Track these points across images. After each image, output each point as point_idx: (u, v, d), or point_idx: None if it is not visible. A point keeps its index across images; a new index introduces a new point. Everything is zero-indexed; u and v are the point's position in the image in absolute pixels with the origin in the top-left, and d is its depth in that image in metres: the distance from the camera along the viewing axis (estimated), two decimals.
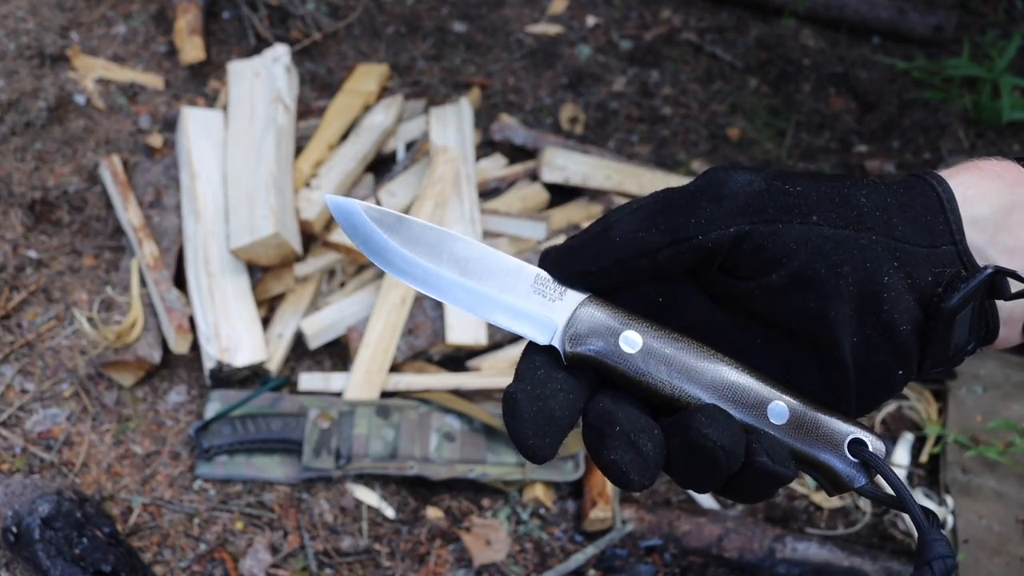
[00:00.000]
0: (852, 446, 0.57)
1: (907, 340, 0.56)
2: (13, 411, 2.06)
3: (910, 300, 0.55)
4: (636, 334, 0.57)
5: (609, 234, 0.58)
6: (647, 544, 1.99)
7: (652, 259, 0.57)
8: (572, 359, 0.58)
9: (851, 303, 0.55)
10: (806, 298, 0.55)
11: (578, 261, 0.58)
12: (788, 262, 0.55)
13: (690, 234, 0.56)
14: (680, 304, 0.60)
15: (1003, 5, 3.31)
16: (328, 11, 3.03)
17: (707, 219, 0.56)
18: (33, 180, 2.43)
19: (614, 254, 0.57)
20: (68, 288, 2.26)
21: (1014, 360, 2.31)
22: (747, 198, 0.56)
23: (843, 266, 0.55)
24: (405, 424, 2.03)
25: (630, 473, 0.54)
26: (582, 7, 3.20)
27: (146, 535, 1.93)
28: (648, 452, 0.54)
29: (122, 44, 2.82)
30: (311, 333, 2.16)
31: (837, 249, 0.55)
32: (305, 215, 2.24)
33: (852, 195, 0.57)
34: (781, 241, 0.55)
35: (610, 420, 0.55)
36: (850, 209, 0.56)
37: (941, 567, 0.52)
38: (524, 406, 0.55)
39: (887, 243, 0.56)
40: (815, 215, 0.56)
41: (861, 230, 0.56)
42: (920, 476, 2.13)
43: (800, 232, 0.55)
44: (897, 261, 0.55)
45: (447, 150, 2.38)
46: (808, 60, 3.11)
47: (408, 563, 1.95)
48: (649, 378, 0.57)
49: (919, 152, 2.86)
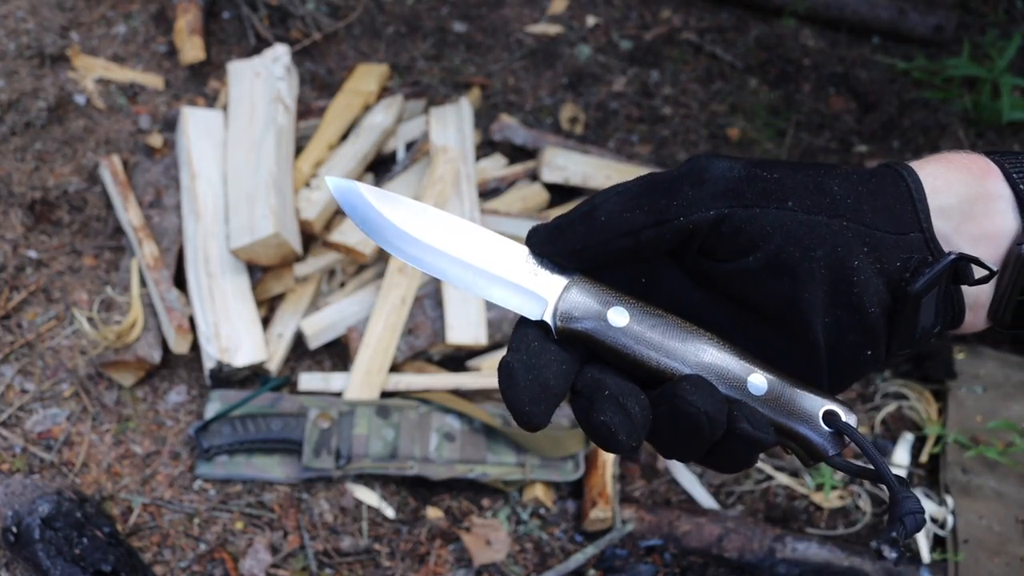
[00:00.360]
0: (826, 417, 0.59)
1: (876, 322, 0.59)
2: (13, 411, 2.06)
3: (879, 284, 0.58)
4: (623, 310, 0.60)
5: (595, 214, 0.60)
6: (647, 544, 1.99)
7: (635, 239, 0.59)
8: (562, 333, 0.60)
9: (823, 285, 0.58)
10: (780, 280, 0.58)
11: (564, 239, 0.61)
12: (764, 245, 0.58)
13: (672, 215, 0.59)
14: (662, 285, 0.63)
15: (1003, 5, 3.31)
16: (328, 11, 3.03)
17: (689, 202, 0.59)
18: (33, 180, 2.43)
19: (599, 233, 0.60)
20: (68, 288, 2.26)
21: (1014, 360, 2.31)
22: (727, 183, 0.59)
23: (816, 250, 0.58)
24: (405, 424, 2.03)
25: (619, 434, 0.56)
26: (582, 7, 3.20)
27: (146, 535, 1.93)
28: (636, 414, 0.57)
29: (122, 44, 2.82)
30: (311, 333, 2.16)
31: (811, 234, 0.58)
32: (305, 215, 2.24)
33: (826, 183, 0.60)
34: (758, 225, 0.58)
35: (599, 386, 0.58)
36: (824, 196, 0.59)
37: (912, 522, 0.55)
38: (520, 375, 0.58)
39: (858, 229, 0.58)
40: (791, 201, 0.59)
41: (833, 216, 0.58)
42: (920, 476, 2.13)
43: (776, 217, 0.58)
44: (867, 246, 0.58)
45: (447, 150, 2.38)
46: (808, 60, 3.11)
47: (408, 563, 1.95)
48: (635, 352, 0.59)
49: (919, 152, 2.86)
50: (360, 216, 0.65)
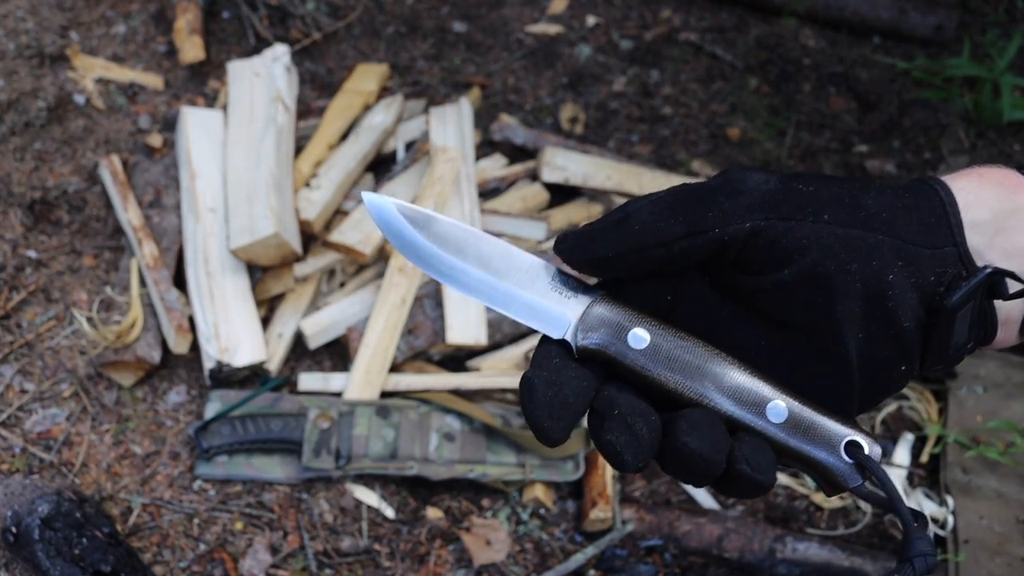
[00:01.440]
0: (848, 447, 0.58)
1: (910, 336, 0.58)
2: (12, 411, 2.06)
3: (913, 298, 0.58)
4: (644, 331, 0.59)
5: (627, 222, 0.60)
6: (647, 544, 1.98)
7: (668, 249, 0.59)
8: (583, 353, 0.60)
9: (857, 299, 0.57)
10: (815, 294, 0.58)
11: (594, 246, 0.61)
12: (799, 258, 0.58)
13: (708, 227, 0.58)
14: (688, 301, 0.62)
15: (1004, 5, 3.31)
16: (328, 11, 3.03)
17: (724, 213, 0.58)
18: (32, 180, 2.43)
19: (632, 241, 0.59)
20: (68, 288, 2.26)
21: (1015, 360, 2.31)
22: (763, 195, 0.59)
23: (851, 263, 0.57)
24: (405, 424, 2.03)
25: (624, 453, 0.57)
26: (582, 7, 3.20)
27: (146, 535, 1.93)
28: (643, 435, 0.57)
29: (122, 44, 2.81)
30: (311, 333, 2.16)
31: (846, 247, 0.57)
32: (305, 215, 2.24)
33: (861, 197, 0.59)
34: (794, 237, 0.58)
35: (611, 405, 0.58)
36: (859, 210, 0.59)
37: (922, 564, 0.55)
38: (540, 391, 0.58)
39: (893, 243, 0.58)
40: (826, 214, 0.58)
41: (869, 230, 0.58)
42: (920, 476, 2.13)
43: (812, 230, 0.58)
44: (902, 260, 0.58)
45: (447, 150, 2.38)
46: (808, 60, 3.11)
47: (408, 563, 1.95)
48: (654, 374, 0.59)
49: (919, 152, 2.86)
50: (393, 233, 0.65)
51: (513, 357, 2.17)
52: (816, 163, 2.80)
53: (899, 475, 2.10)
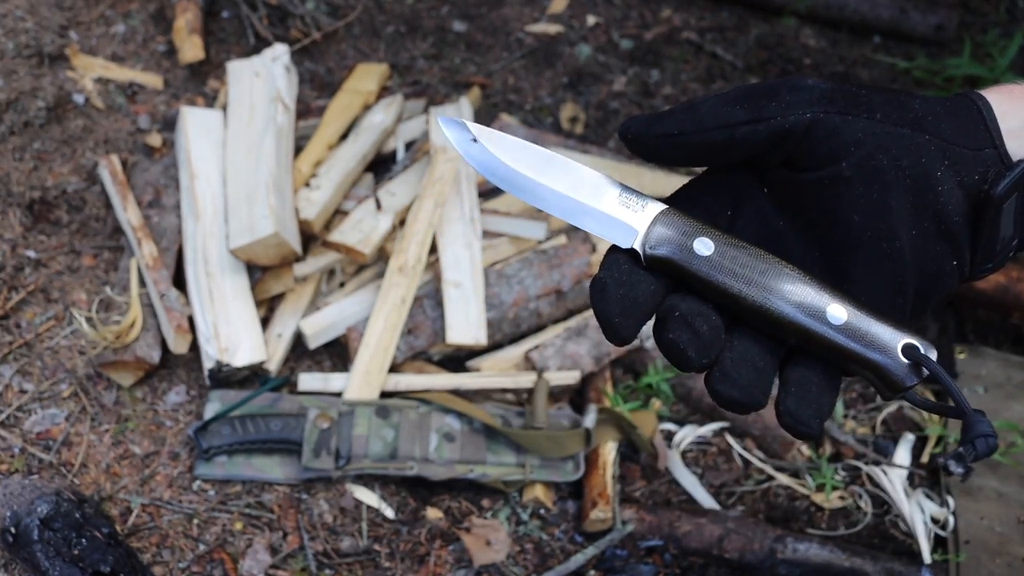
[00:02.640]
0: (905, 349, 0.61)
1: (960, 230, 0.62)
2: (12, 411, 2.05)
3: (960, 195, 0.62)
4: (709, 240, 0.62)
5: (695, 105, 0.64)
6: (647, 544, 1.98)
7: (731, 132, 0.63)
8: (650, 261, 0.63)
9: (909, 194, 0.62)
10: (870, 188, 0.61)
11: (661, 124, 0.65)
12: (855, 151, 0.62)
13: (770, 114, 0.63)
14: (747, 215, 0.66)
15: (1004, 4, 3.31)
16: (328, 10, 3.02)
17: (786, 104, 0.63)
18: (32, 180, 2.42)
19: (698, 122, 0.64)
20: (67, 288, 2.26)
21: (1015, 360, 2.31)
22: (821, 92, 0.64)
23: (902, 159, 0.61)
24: (405, 424, 2.03)
25: (688, 350, 0.60)
26: (582, 6, 3.20)
27: (145, 536, 1.93)
28: (704, 333, 0.60)
29: (121, 43, 2.81)
30: (311, 333, 2.15)
31: (898, 144, 0.62)
32: (305, 215, 2.23)
33: (908, 101, 0.64)
34: (849, 131, 0.62)
35: (673, 309, 0.62)
36: (908, 112, 0.63)
37: (983, 445, 0.58)
38: (612, 289, 0.62)
39: (939, 143, 0.62)
40: (879, 113, 0.63)
41: (917, 130, 0.62)
42: (921, 477, 2.13)
43: (866, 125, 0.62)
44: (947, 159, 0.62)
45: (447, 150, 2.37)
46: (809, 60, 3.10)
47: (408, 564, 1.94)
48: (718, 281, 0.62)
49: None
50: (466, 150, 0.69)
51: (513, 357, 2.17)
52: None
53: (900, 475, 2.10)
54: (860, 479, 2.13)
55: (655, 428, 2.11)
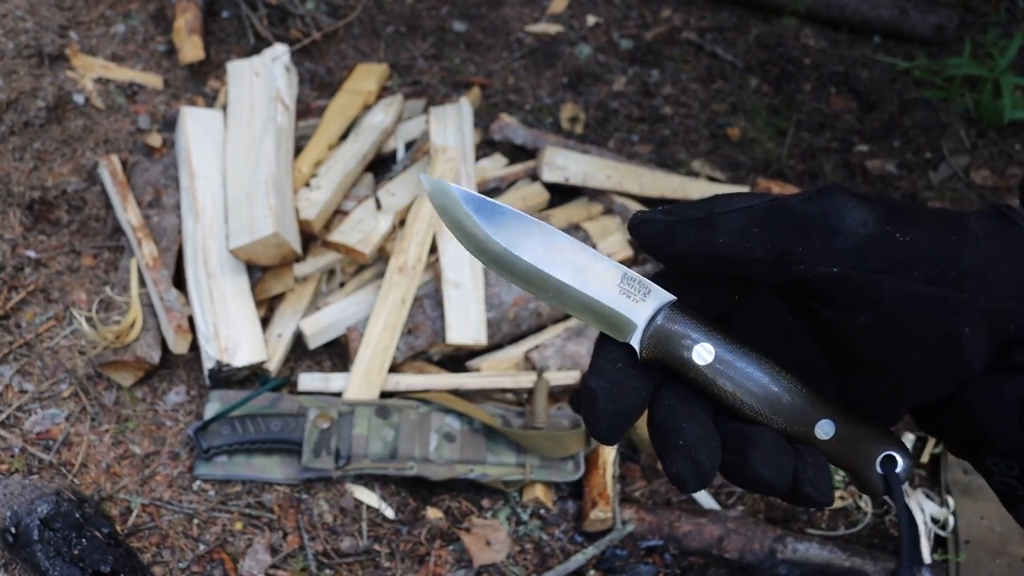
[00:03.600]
0: (884, 461, 0.63)
1: (973, 373, 0.59)
2: (12, 411, 2.05)
3: (986, 346, 0.58)
4: (710, 347, 0.61)
5: (712, 226, 0.59)
6: (647, 545, 1.98)
7: (747, 269, 0.59)
8: (647, 360, 0.61)
9: (928, 348, 0.58)
10: (886, 338, 0.58)
11: (673, 244, 0.60)
12: (879, 308, 0.58)
13: (792, 261, 0.57)
14: (755, 307, 0.63)
15: (1004, 4, 3.31)
16: (328, 11, 3.02)
17: (814, 252, 0.57)
18: (32, 180, 2.42)
19: (712, 250, 0.59)
20: (67, 288, 2.26)
21: None
22: (858, 242, 0.57)
23: (931, 321, 0.57)
24: (405, 424, 2.03)
25: (688, 483, 0.59)
26: (582, 6, 3.20)
27: (145, 536, 1.93)
28: (705, 465, 0.59)
29: (121, 43, 2.81)
30: (311, 333, 2.15)
31: (930, 306, 0.57)
32: (305, 215, 2.23)
33: (957, 253, 0.58)
34: (879, 290, 0.57)
35: (675, 428, 0.60)
36: (951, 269, 0.58)
37: None
38: (601, 402, 0.60)
39: (978, 299, 0.58)
40: (916, 271, 0.58)
41: (957, 290, 0.58)
42: (921, 477, 2.13)
43: (900, 285, 0.57)
44: (984, 315, 0.58)
45: (447, 150, 2.37)
46: (809, 59, 3.10)
47: (408, 564, 1.94)
48: (715, 388, 0.61)
49: (920, 152, 2.86)
50: (454, 223, 0.63)
51: (513, 357, 2.17)
52: (816, 163, 2.79)
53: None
54: None
55: None
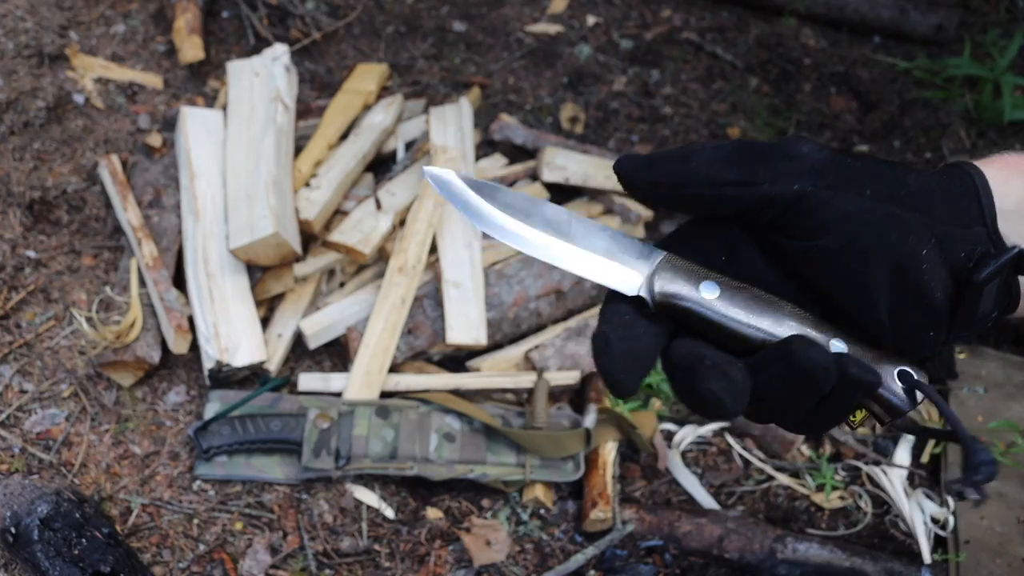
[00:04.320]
0: (901, 376, 0.64)
1: (940, 306, 0.63)
2: (12, 411, 2.05)
3: (944, 272, 0.62)
4: (715, 283, 0.64)
5: (687, 158, 0.65)
6: (647, 545, 1.98)
7: (718, 191, 0.64)
8: (659, 307, 0.64)
9: (891, 270, 0.62)
10: (852, 263, 0.62)
11: (652, 171, 0.66)
12: (840, 227, 0.62)
13: (759, 180, 0.63)
14: (739, 265, 0.67)
15: (1004, 4, 3.31)
16: (328, 11, 3.02)
17: (776, 172, 0.63)
18: (32, 180, 2.42)
19: (687, 175, 0.64)
20: (67, 288, 2.26)
21: (1015, 360, 2.31)
22: (813, 163, 0.64)
23: (888, 237, 0.62)
24: (405, 424, 2.03)
25: (726, 400, 0.60)
26: (582, 6, 3.20)
27: (145, 536, 1.93)
28: (739, 381, 0.61)
29: (121, 43, 2.81)
30: (311, 333, 2.15)
31: (885, 222, 0.62)
32: (305, 215, 2.23)
33: (902, 177, 0.64)
34: (837, 207, 0.62)
35: (699, 357, 0.62)
36: (900, 188, 0.63)
37: (987, 472, 0.59)
38: (615, 345, 0.62)
39: (928, 222, 0.63)
40: (869, 189, 0.63)
41: (907, 208, 0.63)
42: (921, 477, 2.13)
43: (855, 202, 0.62)
44: (935, 237, 0.62)
45: (447, 150, 2.37)
46: (809, 59, 3.10)
47: (408, 564, 1.94)
48: (727, 323, 0.63)
49: (920, 152, 2.86)
50: (461, 203, 0.69)
51: (513, 357, 2.17)
52: None
53: (900, 475, 2.10)
54: (860, 479, 2.13)
55: (655, 428, 2.11)
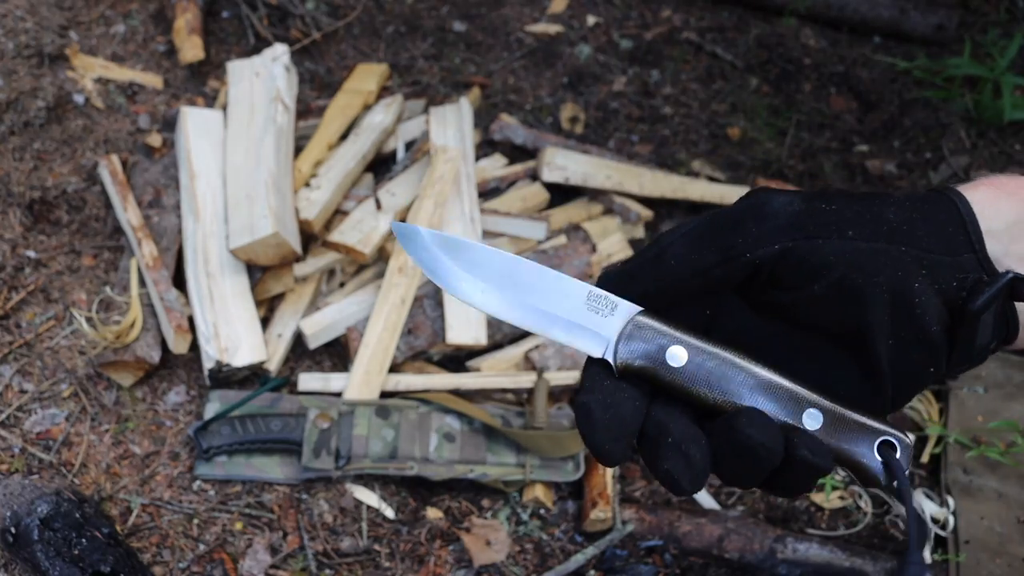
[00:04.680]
0: (881, 447, 0.62)
1: (937, 339, 0.61)
2: (12, 411, 2.05)
3: (938, 303, 0.61)
4: (682, 349, 0.62)
5: (663, 257, 0.63)
6: (647, 545, 1.98)
7: (704, 277, 0.62)
8: (623, 371, 0.63)
9: (886, 308, 0.60)
10: (846, 305, 0.61)
11: (635, 284, 0.64)
12: (828, 273, 0.61)
13: (739, 252, 0.61)
14: (726, 316, 0.66)
15: (1004, 4, 3.31)
16: (328, 11, 3.02)
17: (754, 238, 0.61)
18: (32, 180, 2.42)
19: (670, 276, 0.63)
20: (67, 288, 2.26)
21: (1015, 360, 2.30)
22: (788, 217, 0.62)
23: (878, 275, 0.60)
24: (405, 424, 2.03)
25: (681, 481, 0.59)
26: (582, 6, 3.20)
27: (145, 536, 1.93)
28: (696, 460, 0.60)
29: (121, 43, 2.81)
30: (311, 333, 2.15)
31: (872, 261, 0.60)
32: (305, 215, 2.23)
33: (882, 212, 0.62)
34: (821, 255, 0.61)
35: (663, 431, 0.61)
36: (881, 224, 0.62)
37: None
38: (598, 414, 0.60)
39: (915, 254, 0.61)
40: (850, 230, 0.61)
41: (892, 243, 0.61)
42: (921, 476, 2.13)
43: (838, 247, 0.61)
44: (925, 269, 0.61)
45: (447, 150, 2.37)
46: (809, 59, 3.10)
47: (408, 564, 1.94)
48: (693, 390, 0.62)
49: (920, 152, 2.86)
50: (424, 262, 0.67)
51: (513, 357, 2.17)
52: (816, 163, 2.79)
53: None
54: None
55: None
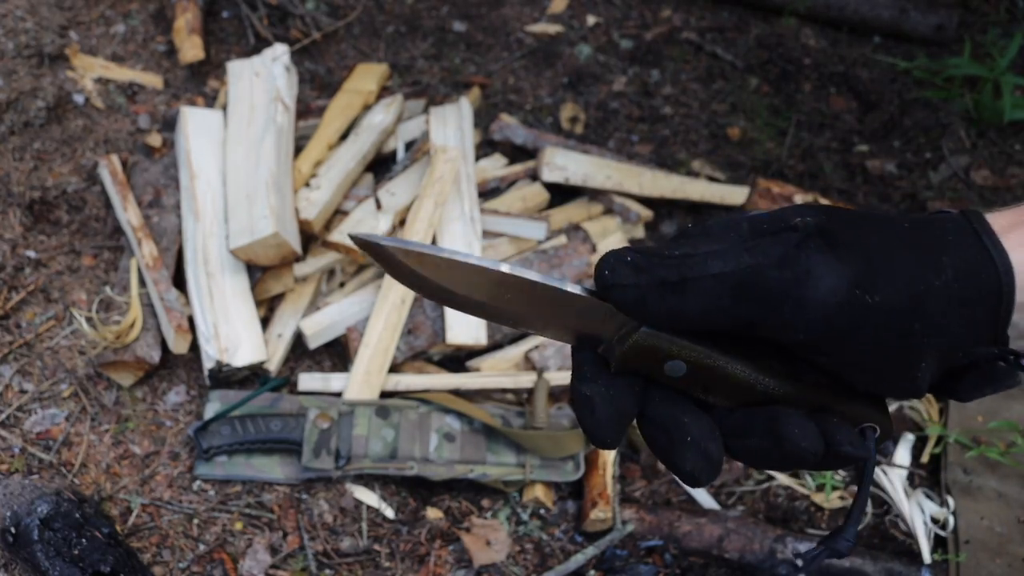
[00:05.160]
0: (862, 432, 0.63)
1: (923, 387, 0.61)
2: (12, 411, 2.05)
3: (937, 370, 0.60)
4: (681, 363, 0.61)
5: (684, 291, 0.58)
6: (647, 545, 1.98)
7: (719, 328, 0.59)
8: (620, 371, 0.62)
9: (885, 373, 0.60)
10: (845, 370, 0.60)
11: (647, 309, 0.59)
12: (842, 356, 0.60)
13: (765, 330, 0.58)
14: None
15: (1004, 4, 3.31)
16: (328, 11, 3.02)
17: (783, 323, 0.58)
18: (32, 180, 2.42)
19: (685, 315, 0.58)
20: (67, 288, 2.26)
21: None
22: (827, 310, 0.57)
23: (891, 361, 0.59)
24: (405, 424, 2.03)
25: (702, 479, 0.60)
26: (582, 6, 3.20)
27: (145, 536, 1.93)
28: (715, 457, 0.60)
29: (121, 43, 2.81)
30: (311, 333, 2.15)
31: (888, 353, 0.59)
32: (305, 215, 2.23)
33: (926, 302, 0.58)
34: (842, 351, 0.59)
35: (677, 424, 0.60)
36: (917, 321, 0.58)
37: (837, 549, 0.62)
38: (599, 406, 0.60)
39: (939, 343, 0.59)
40: (885, 328, 0.58)
41: (923, 337, 0.58)
42: (921, 477, 2.13)
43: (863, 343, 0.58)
44: (939, 353, 0.59)
45: (447, 150, 2.37)
46: (809, 59, 3.10)
47: (408, 564, 1.94)
48: (692, 394, 0.62)
49: (920, 152, 2.86)
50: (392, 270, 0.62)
51: (513, 357, 2.17)
52: (816, 163, 2.79)
53: (900, 475, 2.10)
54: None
55: None
